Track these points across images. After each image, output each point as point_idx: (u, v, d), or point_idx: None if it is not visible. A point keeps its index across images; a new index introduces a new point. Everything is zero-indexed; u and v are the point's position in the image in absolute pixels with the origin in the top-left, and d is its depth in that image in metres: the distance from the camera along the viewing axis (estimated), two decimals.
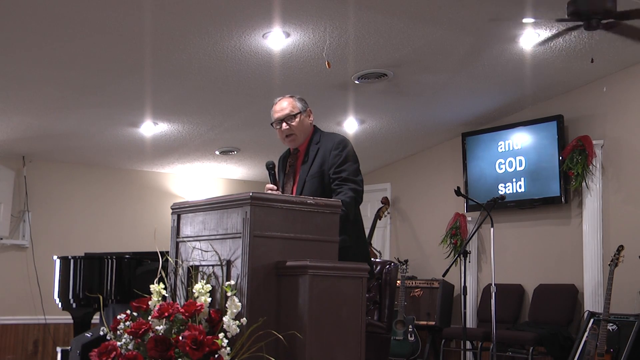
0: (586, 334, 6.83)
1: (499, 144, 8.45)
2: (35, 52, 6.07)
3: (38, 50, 6.06)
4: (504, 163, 8.39)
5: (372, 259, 7.12)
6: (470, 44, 6.47)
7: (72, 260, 6.37)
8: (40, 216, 8.84)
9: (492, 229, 6.70)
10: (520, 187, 8.22)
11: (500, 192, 8.22)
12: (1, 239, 8.52)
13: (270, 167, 4.29)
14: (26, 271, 8.65)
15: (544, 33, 6.18)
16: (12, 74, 6.51)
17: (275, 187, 4.23)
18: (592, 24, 5.31)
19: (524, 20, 5.82)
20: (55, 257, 6.64)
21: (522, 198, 8.19)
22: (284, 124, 4.29)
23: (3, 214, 8.37)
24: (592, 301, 7.38)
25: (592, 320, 6.87)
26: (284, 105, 4.31)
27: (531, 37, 6.25)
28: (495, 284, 6.52)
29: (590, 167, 7.54)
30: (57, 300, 6.51)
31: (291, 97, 4.35)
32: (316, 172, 4.24)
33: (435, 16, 5.88)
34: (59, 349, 6.68)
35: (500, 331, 7.04)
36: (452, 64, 6.91)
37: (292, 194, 4.29)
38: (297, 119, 4.31)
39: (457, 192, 7.00)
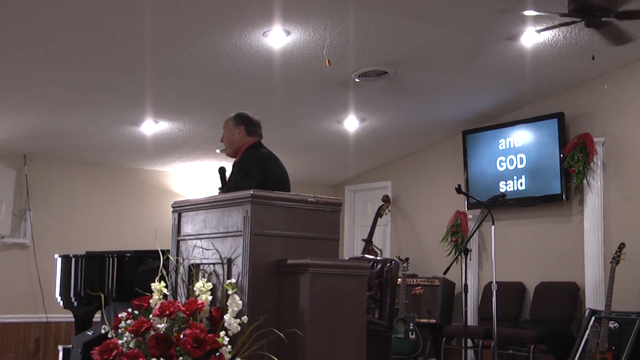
0: (588, 331, 6.83)
1: (500, 141, 8.45)
2: (36, 51, 6.07)
3: (39, 50, 6.06)
4: (505, 161, 8.38)
5: (373, 257, 7.13)
6: (471, 41, 6.46)
7: (73, 259, 6.38)
8: (41, 215, 8.84)
9: (493, 227, 6.69)
10: (521, 185, 8.21)
11: (501, 189, 8.21)
12: (3, 237, 8.52)
13: (219, 171, 4.96)
14: (28, 270, 8.65)
15: (545, 32, 6.17)
16: (13, 73, 6.51)
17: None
18: (593, 21, 5.31)
19: (525, 13, 5.78)
20: (56, 256, 6.64)
21: (523, 196, 8.19)
22: None
23: (4, 213, 8.37)
24: (593, 299, 7.38)
25: (593, 318, 6.87)
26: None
27: (532, 35, 6.25)
28: (496, 282, 6.52)
29: (592, 164, 7.54)
30: (59, 299, 6.51)
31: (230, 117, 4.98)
32: (232, 185, 4.67)
33: (436, 14, 5.88)
34: (60, 348, 6.68)
35: (501, 329, 7.03)
36: (453, 61, 6.91)
37: None
38: (224, 134, 4.95)
39: (458, 190, 7.00)
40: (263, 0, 5.47)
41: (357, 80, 7.00)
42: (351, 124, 8.33)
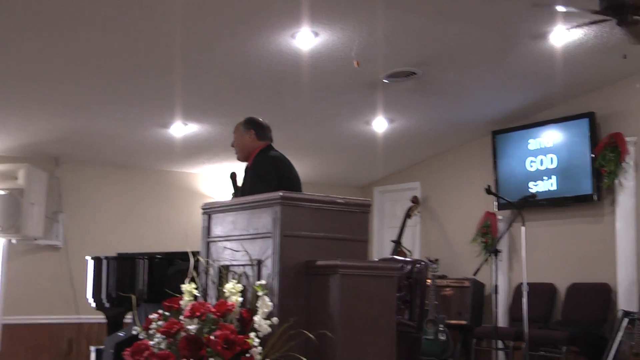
0: (621, 333, 6.75)
1: (530, 141, 8.39)
2: (67, 54, 6.14)
3: (70, 53, 6.12)
4: (535, 161, 8.33)
5: (403, 258, 7.11)
6: (500, 41, 6.42)
7: (104, 261, 6.43)
8: (73, 217, 8.93)
9: (523, 228, 6.65)
10: (551, 185, 8.15)
11: (531, 190, 8.16)
12: (35, 239, 8.62)
13: (231, 177, 5.10)
14: (60, 271, 8.74)
15: (576, 29, 6.12)
16: (44, 76, 6.58)
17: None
18: (625, 19, 5.25)
19: (557, 8, 5.71)
20: (88, 258, 6.70)
21: (554, 196, 8.12)
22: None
23: (37, 215, 8.47)
24: (626, 300, 7.30)
25: (626, 320, 6.79)
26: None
27: (562, 33, 6.19)
28: (527, 283, 6.47)
29: (623, 164, 7.46)
30: (91, 300, 6.56)
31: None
32: (247, 189, 4.79)
33: (464, 13, 5.85)
34: (92, 348, 6.75)
35: (532, 330, 6.98)
36: (481, 61, 6.87)
37: None
38: (235, 139, 5.10)
39: (488, 191, 6.96)
40: (291, 2, 5.48)
41: (385, 81, 6.99)
42: (380, 125, 8.32)
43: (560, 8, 5.70)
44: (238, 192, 5.02)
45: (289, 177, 4.79)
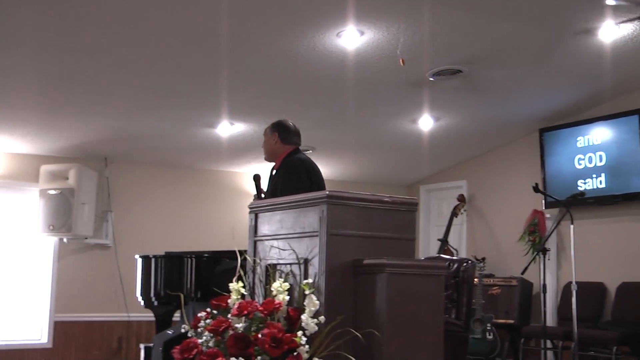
0: None
1: (578, 139, 8.28)
2: (115, 55, 6.23)
3: (118, 54, 6.21)
4: (584, 159, 8.22)
5: (449, 257, 7.08)
6: (547, 37, 6.35)
7: (153, 259, 6.51)
8: (122, 216, 9.06)
9: (571, 226, 6.57)
10: (600, 183, 8.03)
11: (579, 188, 8.06)
12: (86, 238, 8.77)
13: (255, 179, 5.22)
14: (110, 270, 8.88)
15: (625, 24, 6.02)
16: (94, 77, 6.69)
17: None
18: None
19: (607, 2, 5.63)
20: (137, 256, 6.80)
21: (603, 194, 8.00)
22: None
23: (87, 215, 8.62)
24: None
25: None
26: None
27: (611, 28, 6.09)
28: (575, 282, 6.39)
29: None
30: (140, 298, 6.65)
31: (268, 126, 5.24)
32: (280, 189, 4.84)
33: (511, 10, 5.79)
34: (142, 346, 6.83)
35: (581, 330, 6.89)
36: (528, 58, 6.80)
37: None
38: (263, 141, 5.26)
39: (536, 189, 6.89)
40: (337, 1, 5.49)
41: (431, 79, 6.95)
42: (426, 123, 8.29)
43: (610, 1, 5.61)
44: (261, 194, 5.11)
45: (316, 180, 4.91)
